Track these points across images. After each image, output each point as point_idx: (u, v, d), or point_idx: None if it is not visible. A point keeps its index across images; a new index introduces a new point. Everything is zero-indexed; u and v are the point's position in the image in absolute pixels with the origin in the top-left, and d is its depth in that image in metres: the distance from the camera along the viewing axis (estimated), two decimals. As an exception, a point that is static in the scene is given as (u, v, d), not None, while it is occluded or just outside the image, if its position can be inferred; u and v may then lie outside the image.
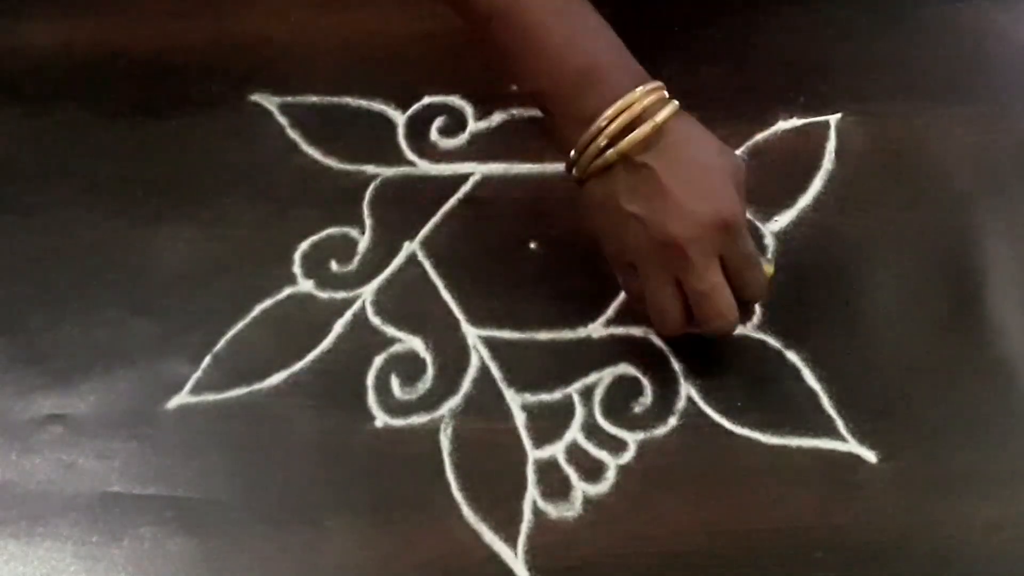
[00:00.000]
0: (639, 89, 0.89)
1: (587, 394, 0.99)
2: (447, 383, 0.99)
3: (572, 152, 0.91)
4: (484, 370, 1.00)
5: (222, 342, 1.00)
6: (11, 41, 1.19)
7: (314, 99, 1.13)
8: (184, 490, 0.94)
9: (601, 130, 0.89)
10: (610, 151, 0.89)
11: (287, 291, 1.03)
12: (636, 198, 0.90)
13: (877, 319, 1.04)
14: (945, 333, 1.03)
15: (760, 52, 1.18)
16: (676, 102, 0.91)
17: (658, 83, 0.91)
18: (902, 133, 1.13)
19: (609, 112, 0.88)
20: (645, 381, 0.99)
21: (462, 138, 1.12)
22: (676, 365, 1.00)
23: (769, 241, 1.06)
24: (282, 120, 1.12)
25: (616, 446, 0.96)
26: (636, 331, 1.02)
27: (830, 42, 1.19)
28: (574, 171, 0.93)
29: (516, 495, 0.94)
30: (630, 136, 0.88)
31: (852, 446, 0.97)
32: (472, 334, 1.01)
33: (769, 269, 0.98)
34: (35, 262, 1.05)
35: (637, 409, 0.98)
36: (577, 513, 0.93)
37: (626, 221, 0.90)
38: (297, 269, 1.04)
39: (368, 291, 1.03)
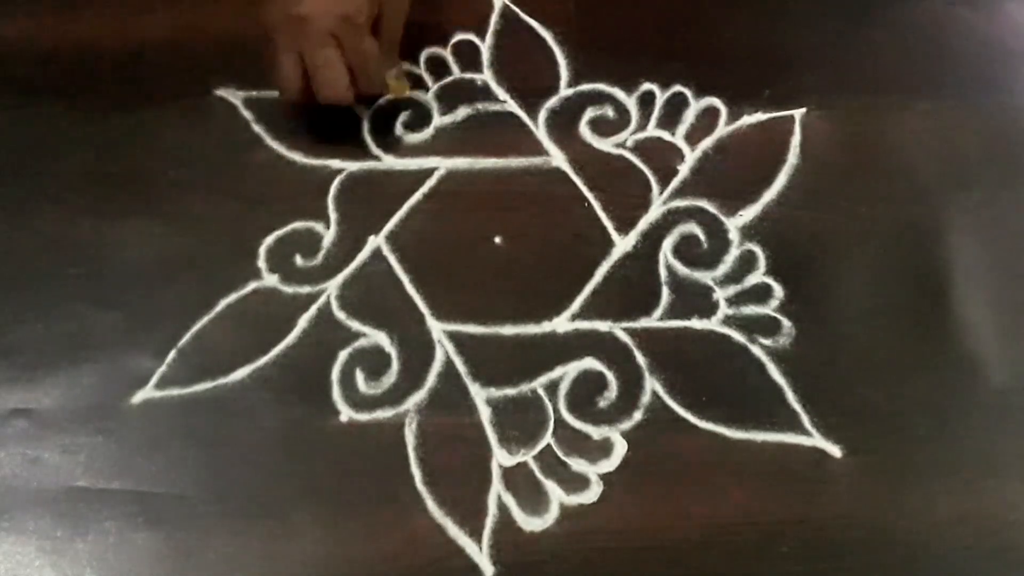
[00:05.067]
0: None
1: (552, 389, 0.99)
2: (412, 378, 0.99)
3: None
4: (449, 364, 1.00)
5: (187, 337, 1.00)
6: (-25, 35, 1.18)
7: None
8: (149, 484, 0.94)
9: None
10: None
11: (252, 285, 1.03)
12: None
13: (842, 313, 1.04)
14: (910, 327, 1.04)
15: (725, 47, 1.19)
16: None
17: None
18: (866, 128, 1.14)
19: None
20: (610, 376, 1.00)
21: (427, 132, 1.12)
22: (641, 359, 1.00)
23: (734, 236, 1.07)
24: (247, 114, 1.12)
25: (581, 441, 0.97)
26: (601, 326, 1.02)
27: (795, 37, 1.19)
28: None
29: (481, 489, 0.94)
30: None
31: (817, 440, 0.97)
32: (437, 328, 1.01)
33: (398, 86, 1.12)
34: (-1, 256, 1.05)
35: (602, 404, 0.98)
36: (542, 509, 0.94)
37: None
38: (262, 263, 1.04)
39: (333, 285, 1.03)
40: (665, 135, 1.12)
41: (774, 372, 1.00)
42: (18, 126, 1.11)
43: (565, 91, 1.14)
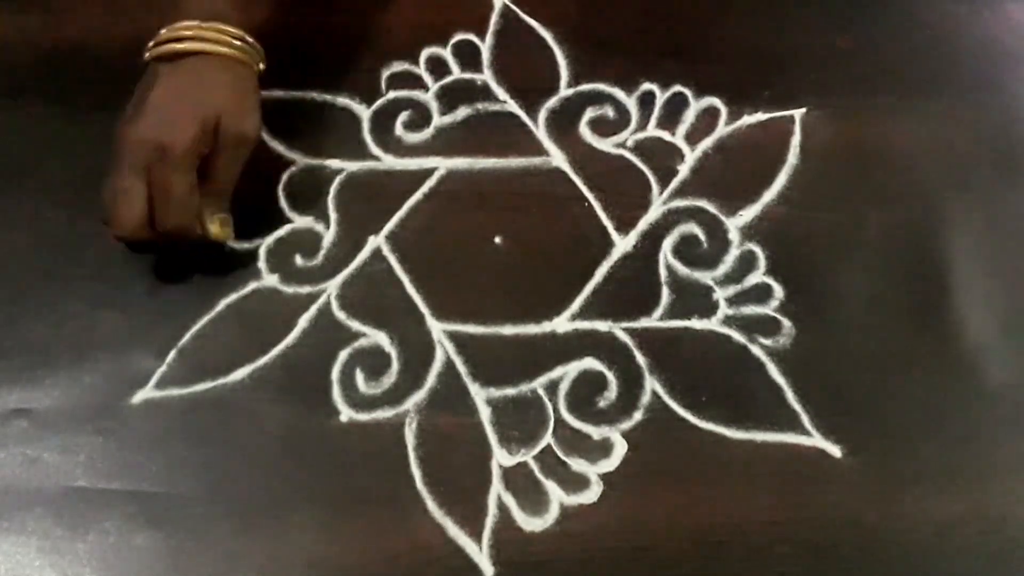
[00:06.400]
0: (196, 23, 0.99)
1: (552, 389, 0.99)
2: (412, 378, 0.99)
3: None
4: (449, 364, 1.00)
5: (187, 337, 1.00)
6: (-27, 35, 1.18)
7: (279, 93, 1.12)
8: (149, 484, 0.94)
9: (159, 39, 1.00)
10: (148, 53, 1.01)
11: (252, 286, 1.03)
12: (135, 95, 1.00)
13: (842, 313, 1.04)
14: (910, 327, 1.04)
15: (725, 47, 1.19)
16: (229, 49, 1.01)
17: (227, 30, 1.01)
18: (866, 127, 1.14)
19: (167, 30, 1.00)
20: (610, 376, 0.99)
21: (427, 132, 1.12)
22: (641, 359, 1.00)
23: (734, 236, 1.07)
24: (247, 114, 1.12)
25: (581, 441, 0.97)
26: (601, 326, 1.02)
27: (795, 37, 1.19)
28: None
29: (481, 490, 0.94)
30: (160, 47, 1.00)
31: (817, 440, 0.97)
32: (437, 328, 1.01)
33: (219, 230, 1.01)
34: (-1, 257, 1.05)
35: (602, 404, 0.98)
36: (542, 509, 0.94)
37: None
38: (262, 264, 1.04)
39: (333, 285, 1.03)
40: (665, 135, 1.12)
41: (774, 372, 1.00)
42: (17, 128, 1.10)
43: (565, 91, 1.14)
